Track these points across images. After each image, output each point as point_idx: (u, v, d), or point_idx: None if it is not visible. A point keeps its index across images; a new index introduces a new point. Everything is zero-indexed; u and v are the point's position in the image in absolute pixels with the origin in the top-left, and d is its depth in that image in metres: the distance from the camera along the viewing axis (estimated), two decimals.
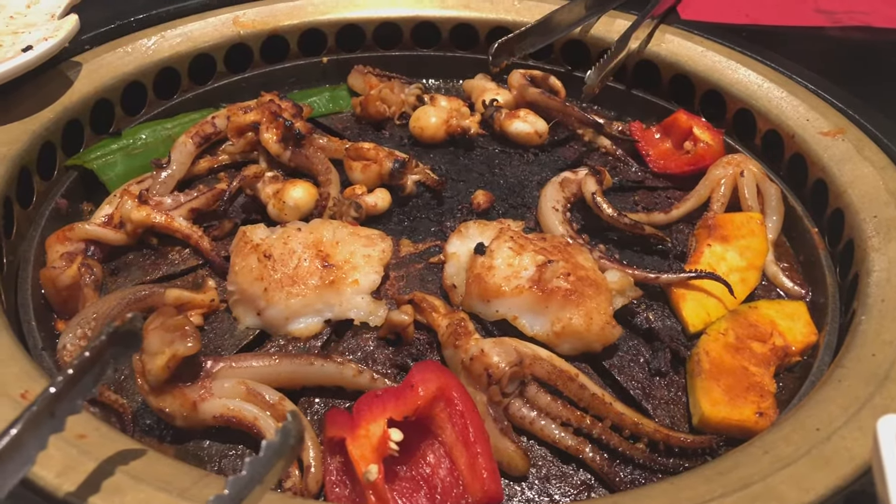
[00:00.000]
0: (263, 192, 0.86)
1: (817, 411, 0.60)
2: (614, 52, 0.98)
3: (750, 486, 0.53)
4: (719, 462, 0.58)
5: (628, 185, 0.96)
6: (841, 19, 1.18)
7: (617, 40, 1.01)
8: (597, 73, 0.96)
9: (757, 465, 0.55)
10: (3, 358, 0.60)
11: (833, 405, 0.60)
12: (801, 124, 0.94)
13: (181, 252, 0.84)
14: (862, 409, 0.59)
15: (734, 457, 0.58)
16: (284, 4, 1.13)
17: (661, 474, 0.65)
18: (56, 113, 0.90)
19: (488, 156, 0.99)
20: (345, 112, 1.09)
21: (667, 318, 0.78)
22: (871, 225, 0.79)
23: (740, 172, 0.92)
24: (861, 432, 0.57)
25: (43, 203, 0.87)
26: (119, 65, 0.99)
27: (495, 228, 0.79)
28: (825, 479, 0.54)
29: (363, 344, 0.74)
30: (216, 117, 0.96)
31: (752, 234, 0.85)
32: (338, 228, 0.79)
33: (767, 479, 0.54)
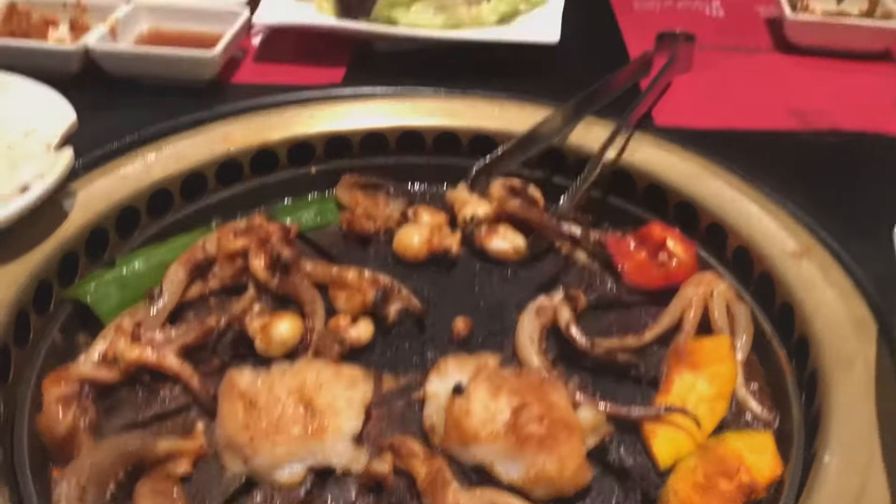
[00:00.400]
0: (251, 326, 0.89)
1: None
2: (584, 176, 1.02)
3: None
4: None
5: (603, 304, 1.00)
6: (811, 121, 1.22)
7: (587, 164, 1.04)
8: (568, 201, 1.00)
9: None
10: None
11: None
12: (769, 243, 0.97)
13: (172, 389, 0.87)
14: None
15: None
16: (273, 118, 1.18)
17: None
18: (52, 248, 0.94)
19: (468, 274, 1.03)
20: (332, 226, 1.12)
21: (638, 453, 0.81)
22: (833, 358, 0.83)
23: (710, 293, 0.95)
24: None
25: (40, 340, 0.90)
26: (113, 190, 1.03)
27: (473, 365, 0.83)
28: None
29: (345, 491, 0.77)
30: (207, 242, 1.00)
31: (721, 361, 0.89)
32: (321, 370, 0.82)
33: None
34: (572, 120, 1.16)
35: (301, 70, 1.30)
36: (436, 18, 1.32)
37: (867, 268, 0.91)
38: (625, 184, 1.13)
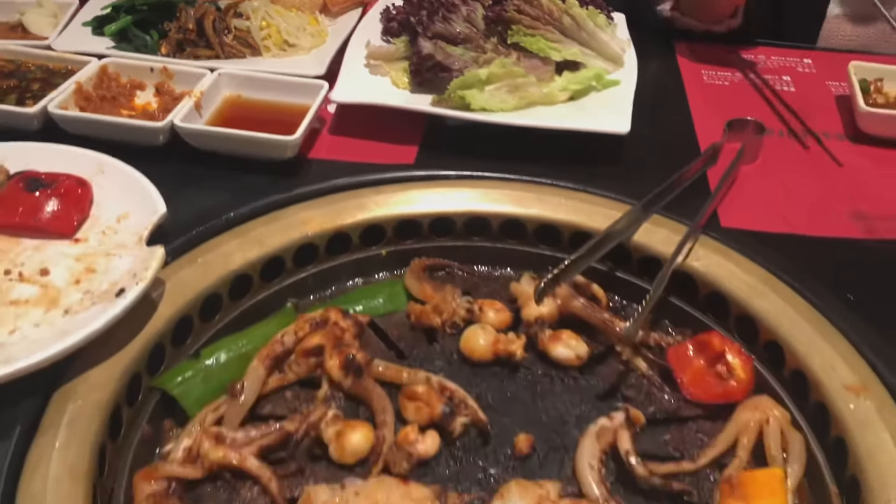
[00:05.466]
0: (326, 433, 0.95)
1: None
2: (651, 296, 1.05)
3: None
4: None
5: (660, 418, 1.03)
6: (876, 228, 1.23)
7: (654, 283, 1.07)
8: (634, 326, 1.03)
9: None
10: None
11: None
12: (827, 373, 0.99)
13: (251, 488, 0.93)
14: None
15: None
16: (348, 202, 1.23)
17: None
18: (142, 342, 1.00)
19: (531, 380, 1.07)
20: (400, 312, 1.17)
21: None
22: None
23: (766, 419, 0.98)
24: None
25: (130, 430, 0.97)
26: (198, 280, 1.09)
27: (535, 496, 0.88)
28: None
29: None
30: (285, 335, 1.05)
31: (772, 495, 0.92)
32: (392, 490, 0.87)
33: None
34: (641, 218, 1.19)
35: (376, 146, 1.35)
36: (508, 99, 1.35)
37: None
38: (687, 288, 1.16)
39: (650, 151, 1.38)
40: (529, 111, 1.37)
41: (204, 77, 1.36)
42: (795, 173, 1.36)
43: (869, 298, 1.09)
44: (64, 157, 1.17)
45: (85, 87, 1.34)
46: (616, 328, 1.09)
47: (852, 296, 1.08)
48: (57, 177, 1.12)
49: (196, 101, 1.31)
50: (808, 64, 1.69)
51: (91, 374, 0.94)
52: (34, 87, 1.36)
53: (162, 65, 1.40)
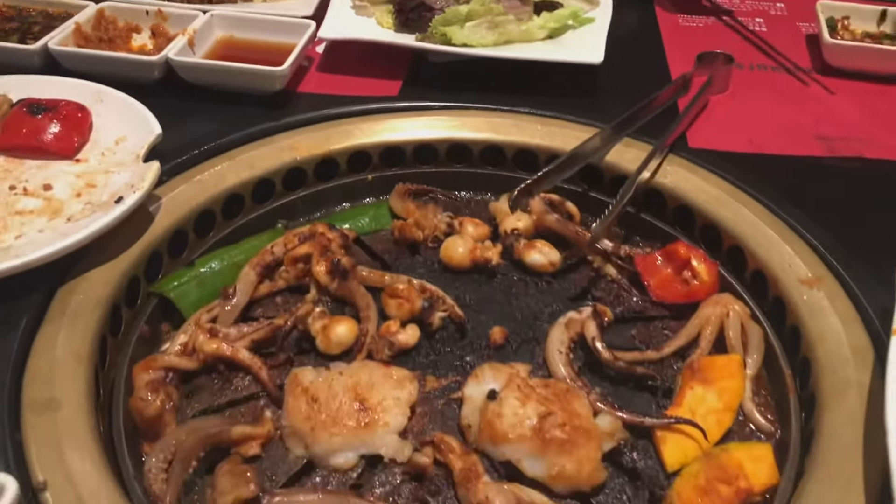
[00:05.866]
0: (313, 327, 1.02)
1: None
2: (618, 201, 1.11)
3: None
4: None
5: (628, 317, 1.10)
6: (837, 147, 1.29)
7: (621, 190, 1.13)
8: (601, 225, 1.09)
9: None
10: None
11: None
12: (784, 269, 1.06)
13: (243, 379, 1.00)
14: None
15: None
16: (334, 129, 1.29)
17: None
18: (141, 248, 1.06)
19: (507, 284, 1.14)
20: (385, 230, 1.24)
21: (648, 457, 0.92)
22: (830, 383, 0.92)
23: (727, 313, 1.05)
24: None
25: (130, 330, 1.04)
26: (192, 195, 1.15)
27: (506, 374, 0.94)
28: None
29: (391, 477, 0.89)
30: (275, 246, 1.12)
31: (731, 377, 0.99)
32: (373, 371, 0.94)
33: None
34: (612, 140, 1.25)
35: (362, 81, 1.41)
36: (487, 35, 1.41)
37: (873, 299, 0.99)
38: (656, 202, 1.22)
39: (624, 84, 1.44)
40: (508, 47, 1.43)
41: (197, 17, 1.43)
42: (763, 102, 1.42)
43: (826, 206, 1.15)
44: (64, 87, 1.24)
45: (84, 28, 1.41)
46: (587, 239, 1.16)
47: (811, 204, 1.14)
48: (57, 102, 1.18)
49: (189, 38, 1.37)
50: (780, 7, 1.75)
51: (92, 273, 1.01)
52: (35, 30, 1.43)
53: (157, 7, 1.46)
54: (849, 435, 0.85)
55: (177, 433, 0.91)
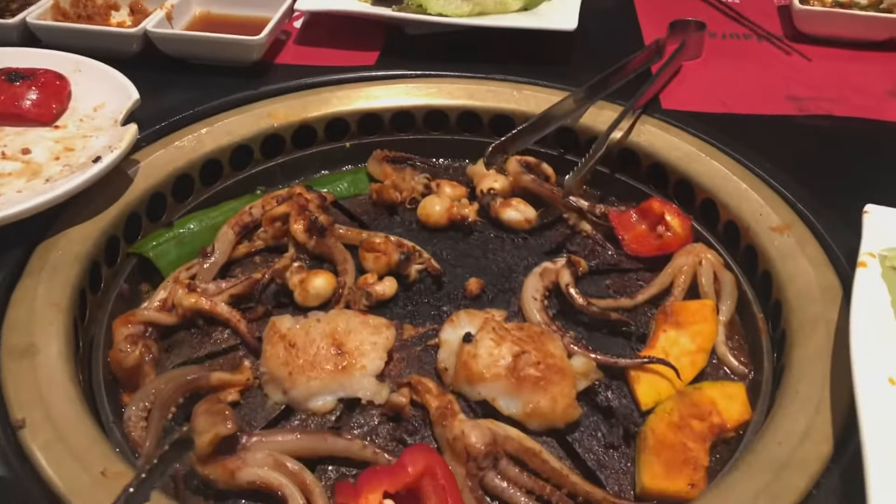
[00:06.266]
0: (291, 280, 1.03)
1: (725, 495, 0.75)
2: (591, 153, 1.13)
3: None
4: None
5: (603, 269, 1.11)
6: (807, 107, 1.31)
7: (595, 143, 1.15)
8: (574, 176, 1.11)
9: None
10: (87, 441, 0.78)
11: (737, 490, 0.75)
12: (756, 218, 1.08)
13: (222, 332, 1.01)
14: (759, 496, 0.74)
15: None
16: (312, 97, 1.31)
17: None
18: (119, 209, 1.07)
19: (483, 240, 1.15)
20: (363, 195, 1.25)
21: (623, 397, 0.93)
22: (800, 320, 0.94)
23: (699, 261, 1.06)
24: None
25: (109, 288, 1.05)
26: (170, 160, 1.16)
27: (481, 318, 0.95)
28: None
29: (369, 419, 0.90)
30: (253, 207, 1.13)
31: (704, 321, 1.00)
32: (350, 318, 0.95)
33: None
34: (585, 103, 1.27)
35: (339, 53, 1.42)
36: (463, 6, 1.43)
37: (841, 243, 1.01)
38: (630, 162, 1.24)
39: (598, 50, 1.46)
40: (484, 17, 1.45)
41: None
42: (735, 68, 1.44)
43: (796, 159, 1.17)
44: (43, 58, 1.25)
45: (62, 4, 1.42)
46: (562, 197, 1.17)
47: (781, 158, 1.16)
48: (35, 70, 1.19)
49: (167, 12, 1.38)
50: None
51: (71, 231, 1.02)
52: (13, 7, 1.44)
53: None
54: (818, 366, 0.87)
55: (156, 382, 0.92)
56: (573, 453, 0.88)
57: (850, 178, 1.15)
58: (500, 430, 0.84)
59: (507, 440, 0.84)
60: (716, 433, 0.89)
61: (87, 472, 0.74)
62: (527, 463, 0.83)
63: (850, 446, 0.77)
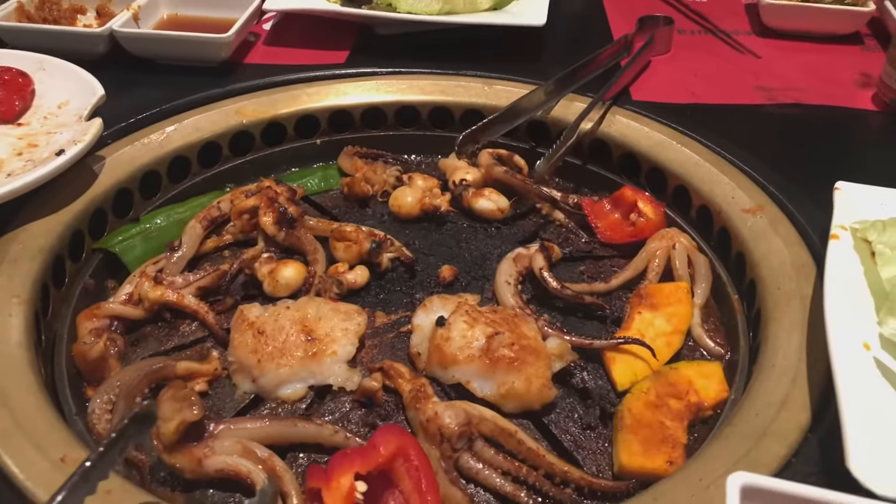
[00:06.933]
0: (260, 271, 1.01)
1: (703, 464, 0.74)
2: (563, 140, 1.13)
3: None
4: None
5: (577, 256, 1.10)
6: (776, 96, 1.32)
7: (565, 131, 1.15)
8: (545, 162, 1.11)
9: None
10: (47, 428, 0.75)
11: (716, 459, 0.74)
12: (728, 201, 1.08)
13: (190, 325, 0.99)
14: (738, 463, 0.72)
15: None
16: (282, 94, 1.29)
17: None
18: (84, 203, 1.05)
19: (456, 230, 1.14)
20: (334, 190, 1.24)
21: (599, 378, 0.92)
22: (775, 296, 0.93)
23: (673, 245, 1.06)
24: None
25: (74, 283, 1.02)
26: (137, 156, 1.15)
27: (454, 303, 0.94)
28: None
29: (340, 406, 0.88)
30: (221, 202, 1.12)
31: (678, 302, 0.99)
32: (321, 305, 0.93)
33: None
34: (554, 96, 1.27)
35: (308, 52, 1.41)
36: (433, 4, 1.43)
37: (813, 222, 1.01)
38: (602, 152, 1.24)
39: (567, 46, 1.47)
40: (453, 16, 1.45)
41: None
42: (705, 62, 1.45)
43: (766, 145, 1.17)
44: (5, 57, 1.23)
45: (27, 8, 1.40)
46: (535, 187, 1.17)
47: (751, 144, 1.16)
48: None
49: (134, 13, 1.37)
50: None
51: (33, 225, 1.00)
52: None
53: None
54: (793, 339, 0.86)
55: (121, 374, 0.89)
56: (550, 435, 0.87)
57: (820, 161, 1.15)
58: (475, 411, 0.82)
59: (482, 421, 0.82)
60: (693, 412, 0.88)
61: (45, 459, 0.71)
62: (503, 444, 0.82)
63: (828, 414, 0.77)
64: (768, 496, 0.62)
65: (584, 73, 1.32)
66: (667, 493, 0.71)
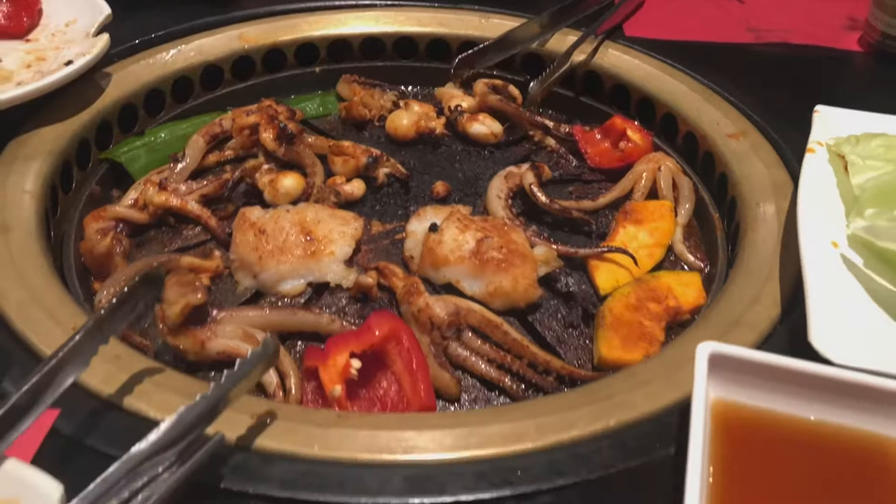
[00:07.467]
0: (260, 181, 1.05)
1: (678, 350, 0.79)
2: (556, 66, 1.16)
3: (612, 398, 0.71)
4: (597, 383, 0.76)
5: (567, 179, 1.15)
6: (764, 37, 1.35)
7: (558, 57, 1.19)
8: (538, 84, 1.14)
9: (623, 385, 0.74)
10: (59, 303, 0.79)
11: (689, 344, 0.78)
12: (713, 128, 1.12)
13: (193, 229, 1.03)
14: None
15: (609, 380, 0.76)
16: (283, 22, 1.33)
17: None
18: (91, 115, 1.09)
19: (451, 153, 1.18)
20: (332, 115, 1.27)
21: (583, 283, 0.97)
22: (752, 212, 0.97)
23: (658, 168, 1.10)
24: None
25: (81, 189, 1.06)
26: (142, 74, 1.18)
27: (447, 211, 0.98)
28: (670, 395, 0.72)
29: (337, 301, 0.92)
30: (223, 119, 1.15)
31: (661, 218, 1.04)
32: (319, 210, 0.98)
33: (627, 394, 0.72)
34: (549, 28, 1.30)
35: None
36: None
37: (793, 146, 1.05)
38: (594, 84, 1.28)
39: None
40: None
41: None
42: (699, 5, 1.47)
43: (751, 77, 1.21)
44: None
45: None
46: (528, 114, 1.21)
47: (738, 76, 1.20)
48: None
49: None
50: None
51: (43, 130, 1.03)
52: None
53: None
54: (768, 244, 0.91)
55: (126, 269, 0.93)
56: (534, 331, 0.91)
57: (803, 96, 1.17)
58: (464, 304, 0.87)
59: (470, 312, 0.86)
60: (671, 315, 0.92)
61: (59, 327, 0.76)
62: (489, 335, 0.86)
63: (798, 309, 0.81)
64: (735, 365, 0.68)
65: (580, 9, 1.35)
66: (643, 372, 0.76)
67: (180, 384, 0.72)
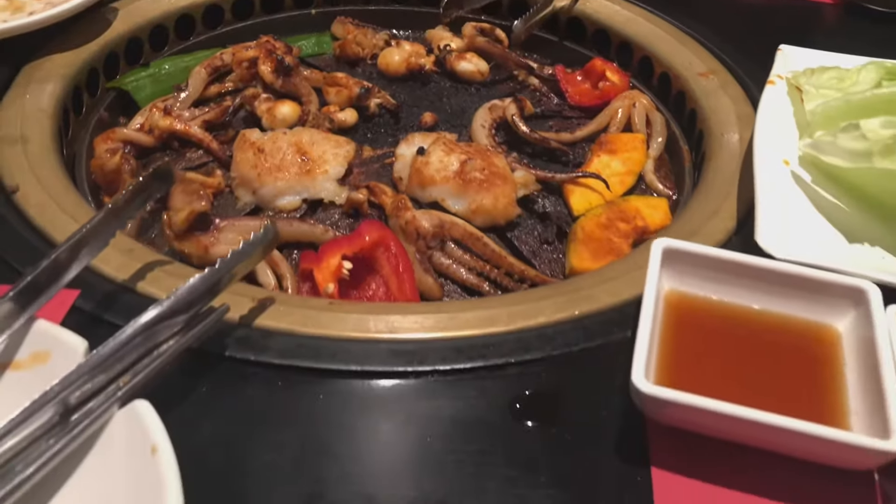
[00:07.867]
0: (259, 108, 1.12)
1: (641, 255, 0.86)
2: (539, 6, 1.23)
3: (578, 292, 0.79)
4: (565, 281, 0.84)
5: (548, 114, 1.22)
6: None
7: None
8: (522, 23, 1.21)
9: (588, 282, 0.81)
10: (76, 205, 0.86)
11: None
12: (686, 67, 1.19)
13: (196, 152, 1.10)
14: None
15: (576, 279, 0.84)
16: None
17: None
18: (99, 46, 1.15)
19: (439, 89, 1.25)
20: (327, 54, 1.34)
21: (558, 205, 1.04)
22: (717, 141, 1.05)
23: (633, 104, 1.17)
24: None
25: (90, 114, 1.13)
26: (148, 10, 1.24)
27: (434, 137, 1.05)
28: (631, 291, 0.79)
29: (330, 216, 1.00)
30: (224, 54, 1.22)
31: (634, 149, 1.11)
32: (314, 133, 1.05)
33: (592, 289, 0.80)
34: None
35: None
36: None
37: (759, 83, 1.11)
38: (577, 29, 1.34)
39: None
40: None
41: None
42: None
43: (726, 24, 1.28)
44: None
45: None
46: (513, 55, 1.28)
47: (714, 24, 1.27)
48: None
49: None
50: None
51: (55, 57, 1.10)
52: None
53: None
54: (730, 168, 0.98)
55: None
56: (512, 246, 0.99)
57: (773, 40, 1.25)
58: (448, 218, 0.95)
59: (453, 226, 0.94)
60: (639, 233, 1.00)
61: (77, 223, 0.83)
62: (470, 247, 0.94)
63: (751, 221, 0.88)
64: (687, 259, 0.75)
65: None
66: (609, 272, 0.84)
67: (189, 273, 0.79)
